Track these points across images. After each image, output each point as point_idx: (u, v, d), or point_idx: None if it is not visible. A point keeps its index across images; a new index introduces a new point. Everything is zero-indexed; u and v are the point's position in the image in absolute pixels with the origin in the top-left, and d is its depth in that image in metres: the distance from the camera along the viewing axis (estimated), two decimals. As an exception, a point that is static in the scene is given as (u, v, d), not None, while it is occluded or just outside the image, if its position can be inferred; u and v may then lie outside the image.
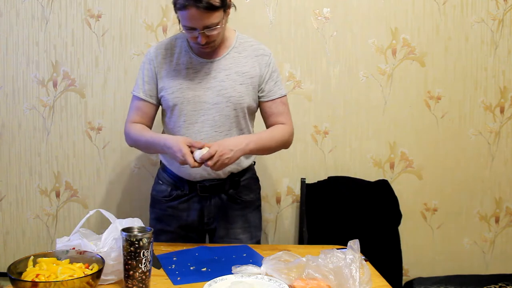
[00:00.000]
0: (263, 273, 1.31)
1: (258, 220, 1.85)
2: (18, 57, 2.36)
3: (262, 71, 1.69)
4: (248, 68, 1.67)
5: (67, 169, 2.41)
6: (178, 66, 1.67)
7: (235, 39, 1.70)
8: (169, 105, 1.67)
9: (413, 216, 2.43)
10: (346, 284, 1.20)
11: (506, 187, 2.45)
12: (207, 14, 1.49)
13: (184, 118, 1.66)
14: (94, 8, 2.33)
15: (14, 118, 2.39)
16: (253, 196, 1.82)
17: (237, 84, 1.65)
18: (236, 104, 1.65)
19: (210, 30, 1.53)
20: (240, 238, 1.76)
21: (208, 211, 1.74)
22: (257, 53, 1.70)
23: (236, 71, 1.66)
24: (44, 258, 1.25)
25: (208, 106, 1.64)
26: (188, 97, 1.64)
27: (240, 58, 1.68)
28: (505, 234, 2.48)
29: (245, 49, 1.70)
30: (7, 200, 2.43)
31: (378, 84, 2.38)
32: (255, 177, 1.87)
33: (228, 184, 1.73)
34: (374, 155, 2.42)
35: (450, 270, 2.44)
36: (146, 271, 1.23)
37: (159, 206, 1.79)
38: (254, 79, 1.68)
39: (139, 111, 1.72)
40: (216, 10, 1.50)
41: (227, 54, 1.68)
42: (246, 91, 1.66)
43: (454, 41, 2.37)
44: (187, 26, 1.54)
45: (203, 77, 1.65)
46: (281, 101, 1.73)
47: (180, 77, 1.66)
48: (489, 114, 2.42)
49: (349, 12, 2.35)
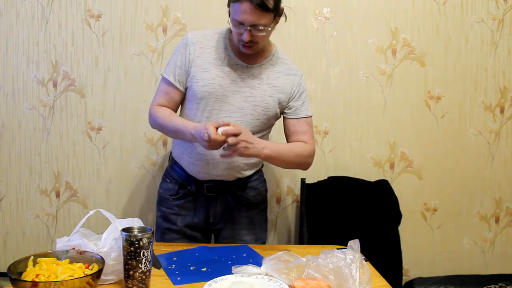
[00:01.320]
0: (263, 273, 1.31)
1: (263, 222, 1.85)
2: (18, 57, 2.36)
3: (292, 90, 1.70)
4: (279, 83, 1.68)
5: (67, 169, 2.41)
6: (217, 60, 1.65)
7: (273, 52, 1.71)
8: (196, 96, 1.64)
9: (413, 216, 2.43)
10: (346, 284, 1.20)
11: (506, 187, 2.45)
12: (259, 12, 1.49)
13: (207, 114, 1.64)
14: (94, 8, 2.33)
15: (14, 118, 2.39)
16: (259, 198, 1.81)
17: (266, 95, 1.66)
18: (260, 113, 1.65)
19: (256, 30, 1.53)
20: (245, 239, 1.76)
21: (214, 212, 1.75)
22: (290, 72, 1.71)
23: (268, 82, 1.67)
24: (44, 258, 1.25)
25: (233, 108, 1.64)
26: (217, 94, 1.63)
27: (274, 71, 1.69)
28: (505, 234, 2.48)
29: (279, 65, 1.71)
30: (7, 200, 2.43)
31: (378, 84, 2.38)
32: (263, 178, 1.87)
33: (235, 185, 1.73)
34: (374, 155, 2.42)
35: (450, 270, 2.44)
36: (146, 271, 1.23)
37: (166, 205, 1.79)
38: (282, 96, 1.68)
39: (167, 95, 1.68)
40: (267, 11, 1.50)
41: (263, 64, 1.68)
42: (273, 104, 1.67)
43: (454, 41, 2.37)
44: (237, 20, 1.52)
45: (235, 79, 1.64)
46: (306, 121, 1.73)
47: (214, 72, 1.64)
48: (489, 114, 2.42)
49: (349, 12, 2.35)
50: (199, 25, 2.32)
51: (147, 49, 2.34)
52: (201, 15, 2.33)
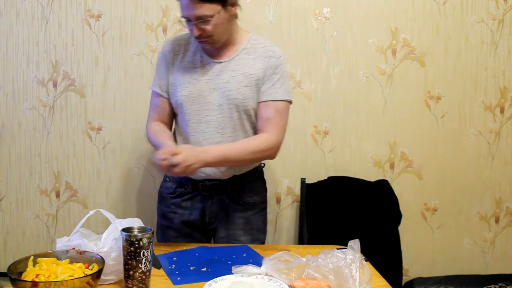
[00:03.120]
0: (263, 273, 1.31)
1: (261, 222, 1.82)
2: (18, 57, 2.37)
3: (266, 72, 1.63)
4: (254, 70, 1.63)
5: (67, 169, 2.41)
6: (188, 64, 1.67)
7: (247, 40, 1.68)
8: (177, 102, 1.67)
9: (413, 216, 2.43)
10: (346, 284, 1.19)
11: (506, 187, 2.45)
12: (198, 4, 1.49)
13: (189, 117, 1.66)
14: (94, 8, 2.33)
15: (14, 118, 2.39)
16: (256, 198, 1.79)
17: (241, 86, 1.62)
18: (239, 106, 1.63)
19: (203, 23, 1.53)
20: (241, 240, 1.75)
21: (210, 211, 1.74)
22: (267, 55, 1.65)
23: (242, 72, 1.63)
24: (44, 258, 1.25)
25: (212, 107, 1.64)
26: (194, 96, 1.64)
27: (249, 59, 1.65)
28: (505, 234, 2.48)
29: (256, 51, 1.66)
30: (7, 200, 2.44)
31: (378, 84, 2.38)
32: (261, 179, 1.84)
33: (230, 184, 1.72)
34: (374, 155, 2.42)
35: (450, 270, 2.44)
36: (146, 271, 1.23)
37: (164, 203, 1.80)
38: (259, 81, 1.63)
39: (157, 107, 1.73)
40: (208, 2, 1.50)
41: (237, 55, 1.66)
42: (251, 94, 1.62)
43: (454, 41, 2.37)
44: (183, 16, 1.55)
45: (210, 77, 1.64)
46: (273, 106, 1.63)
47: (189, 75, 1.65)
48: (489, 114, 2.42)
49: (349, 12, 2.35)
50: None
51: (147, 49, 2.34)
52: (201, 15, 2.33)
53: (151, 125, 1.73)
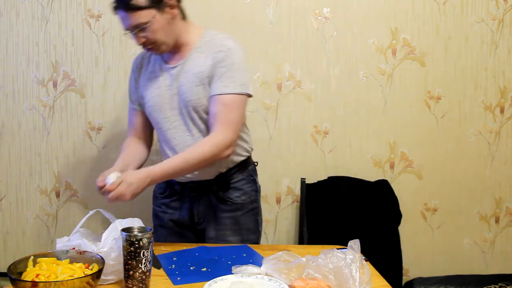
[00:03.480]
0: (263, 273, 1.31)
1: (252, 223, 1.78)
2: (18, 57, 2.37)
3: (214, 68, 1.57)
4: (204, 67, 1.58)
5: (67, 169, 2.41)
6: (151, 74, 1.68)
7: (200, 38, 1.63)
8: (147, 114, 1.71)
9: (413, 216, 2.43)
10: (346, 284, 1.19)
11: (506, 187, 2.45)
12: (132, 13, 1.50)
13: (159, 125, 1.68)
14: (94, 8, 2.33)
15: (14, 118, 2.39)
16: (245, 198, 1.74)
17: (194, 86, 1.58)
18: (196, 107, 1.59)
19: (142, 31, 1.52)
20: (230, 240, 1.72)
21: (198, 211, 1.74)
22: (215, 50, 1.58)
23: (194, 72, 1.58)
24: (44, 258, 1.25)
25: (176, 112, 1.64)
26: (158, 105, 1.65)
27: (201, 58, 1.59)
28: (505, 234, 2.48)
29: (209, 47, 1.60)
30: (7, 200, 2.43)
31: (378, 84, 2.38)
32: (251, 179, 1.78)
33: (216, 183, 1.70)
34: (374, 155, 2.42)
35: (450, 270, 2.44)
36: (146, 271, 1.23)
37: (156, 202, 1.83)
38: (209, 79, 1.58)
39: (134, 122, 1.79)
40: (140, 10, 1.50)
41: (190, 55, 1.62)
42: (204, 92, 1.58)
43: (454, 41, 2.37)
44: (124, 28, 1.56)
45: (170, 83, 1.64)
46: (221, 101, 1.55)
47: (152, 85, 1.67)
48: (489, 114, 2.42)
49: (349, 12, 2.35)
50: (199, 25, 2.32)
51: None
52: (201, 15, 2.33)
53: (125, 143, 1.77)
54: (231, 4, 2.33)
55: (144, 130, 1.79)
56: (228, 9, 2.33)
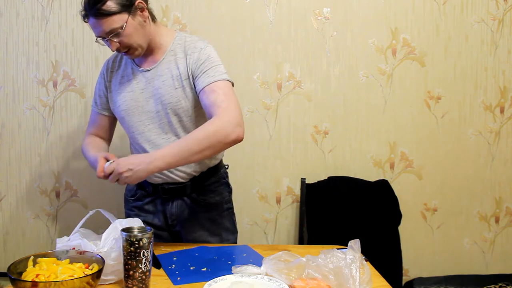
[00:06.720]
0: (263, 273, 1.31)
1: (229, 222, 1.78)
2: (18, 57, 2.37)
3: (192, 68, 1.57)
4: (181, 70, 1.59)
5: (67, 169, 2.41)
6: (123, 78, 1.68)
7: (172, 41, 1.64)
8: (119, 117, 1.70)
9: (413, 216, 2.43)
10: (346, 284, 1.20)
11: (506, 187, 2.45)
12: (104, 19, 1.49)
13: (132, 129, 1.67)
14: (94, 8, 2.33)
15: (14, 118, 2.39)
16: (219, 198, 1.75)
17: (172, 89, 1.59)
18: (175, 109, 1.59)
19: (115, 36, 1.52)
20: (209, 240, 1.72)
21: (171, 213, 1.72)
22: (188, 52, 1.60)
23: (171, 75, 1.60)
24: (44, 258, 1.25)
25: (151, 115, 1.63)
26: (132, 108, 1.65)
27: (176, 60, 1.61)
28: (505, 234, 2.48)
29: (181, 50, 1.62)
30: (7, 200, 2.43)
31: (378, 84, 2.38)
32: (224, 182, 1.79)
33: (190, 188, 1.69)
34: (374, 155, 2.42)
35: (450, 270, 2.44)
36: (146, 271, 1.23)
37: (127, 206, 1.82)
38: (188, 80, 1.59)
39: (95, 123, 1.79)
40: (110, 16, 1.48)
41: (164, 59, 1.62)
42: (183, 95, 1.59)
43: (454, 41, 2.37)
44: (97, 36, 1.55)
45: (144, 86, 1.64)
46: (212, 88, 1.52)
47: (125, 89, 1.66)
48: (489, 114, 2.42)
49: (349, 12, 2.35)
50: (199, 25, 2.32)
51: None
52: (201, 15, 2.34)
53: (86, 139, 1.77)
54: (231, 4, 2.34)
55: (107, 133, 1.81)
56: (228, 9, 2.34)
